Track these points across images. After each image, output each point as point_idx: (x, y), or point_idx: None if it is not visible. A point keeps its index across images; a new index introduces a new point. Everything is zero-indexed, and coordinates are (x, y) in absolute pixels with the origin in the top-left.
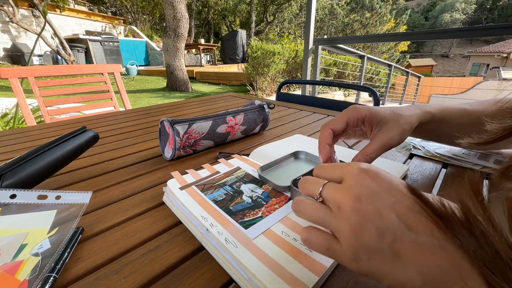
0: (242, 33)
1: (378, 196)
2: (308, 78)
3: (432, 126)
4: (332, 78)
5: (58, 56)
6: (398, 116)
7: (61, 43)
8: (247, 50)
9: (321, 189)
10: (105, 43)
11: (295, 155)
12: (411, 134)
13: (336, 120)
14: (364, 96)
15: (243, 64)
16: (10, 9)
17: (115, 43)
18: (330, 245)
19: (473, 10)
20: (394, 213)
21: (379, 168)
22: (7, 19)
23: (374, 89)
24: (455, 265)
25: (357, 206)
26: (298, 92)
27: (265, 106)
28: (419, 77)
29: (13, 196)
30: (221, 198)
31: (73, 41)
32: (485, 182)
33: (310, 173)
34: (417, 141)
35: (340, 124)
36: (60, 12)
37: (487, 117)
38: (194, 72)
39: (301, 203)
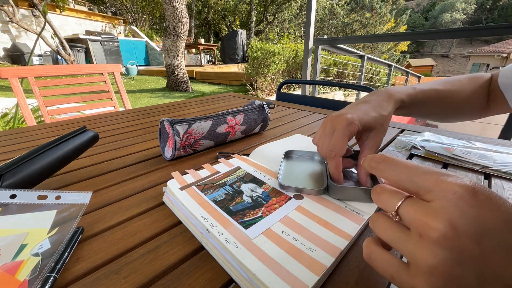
0: (242, 33)
1: (488, 232)
2: (308, 78)
3: (403, 112)
4: (332, 78)
5: (58, 56)
6: (382, 118)
7: (61, 43)
8: (247, 50)
9: (399, 204)
10: (105, 43)
11: (287, 155)
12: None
13: (339, 145)
14: None
15: (243, 64)
16: (10, 9)
17: (115, 43)
18: (397, 273)
19: (473, 10)
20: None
21: (492, 191)
22: (7, 19)
23: (374, 89)
24: None
25: (449, 238)
26: (298, 92)
27: (265, 106)
28: (419, 77)
29: (13, 196)
30: (221, 198)
31: (73, 41)
32: (485, 182)
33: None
34: (417, 141)
35: (345, 147)
36: (60, 12)
37: (463, 97)
38: (194, 72)
39: (378, 219)
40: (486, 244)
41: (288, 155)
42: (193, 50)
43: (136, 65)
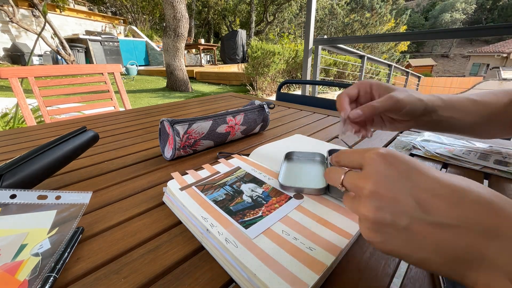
0: (242, 33)
1: (395, 182)
2: (308, 78)
3: (446, 115)
4: (332, 78)
5: (58, 56)
6: (408, 90)
7: (61, 43)
8: (247, 50)
9: (342, 177)
10: (105, 43)
11: (288, 156)
12: (417, 126)
13: (349, 88)
14: None
15: (243, 64)
16: (10, 9)
17: (115, 43)
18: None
19: (473, 10)
20: (411, 197)
21: (398, 152)
22: (7, 19)
23: None
24: (474, 247)
25: (372, 194)
26: (298, 92)
27: (265, 106)
28: (419, 77)
29: (13, 196)
30: (221, 198)
31: (73, 41)
32: (485, 182)
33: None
34: (417, 141)
35: (352, 90)
36: (60, 12)
37: (499, 109)
38: (194, 72)
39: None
40: (393, 189)
41: (289, 156)
42: (193, 50)
43: (136, 65)
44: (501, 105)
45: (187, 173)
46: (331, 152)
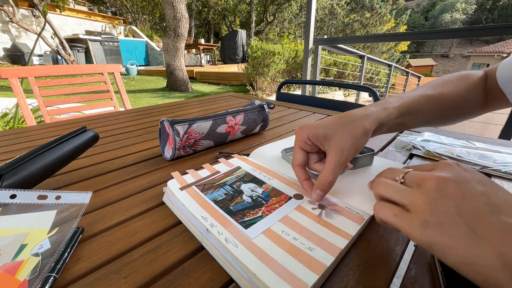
0: (242, 33)
1: (468, 183)
2: (308, 78)
3: (397, 121)
4: (332, 78)
5: (58, 56)
6: (347, 123)
7: (61, 43)
8: (247, 50)
9: (404, 174)
10: (105, 43)
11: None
12: (373, 134)
13: (295, 155)
14: (364, 96)
15: (243, 64)
16: (10, 9)
17: (115, 43)
18: (398, 212)
19: (473, 10)
20: (485, 198)
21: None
22: (7, 19)
23: (374, 89)
24: None
25: (441, 187)
26: (298, 92)
27: (265, 106)
28: (419, 77)
29: (13, 196)
30: (221, 198)
31: (73, 41)
32: None
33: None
34: (417, 141)
35: (300, 157)
36: (60, 12)
37: (458, 98)
38: (194, 72)
39: (383, 181)
40: (464, 188)
41: (287, 151)
42: (193, 50)
43: (136, 65)
44: (461, 93)
45: (187, 173)
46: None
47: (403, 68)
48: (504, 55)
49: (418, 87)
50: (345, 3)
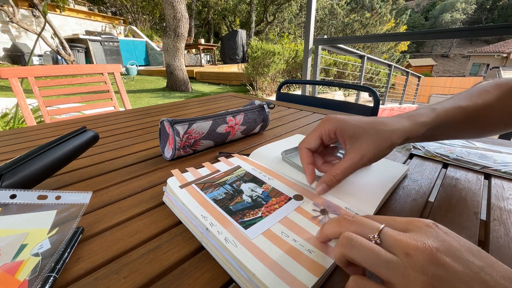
0: (242, 33)
1: (462, 255)
2: (308, 78)
3: (427, 135)
4: (332, 78)
5: (58, 56)
6: (378, 131)
7: (61, 43)
8: (247, 50)
9: (381, 228)
10: (105, 43)
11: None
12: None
13: (309, 137)
14: (364, 96)
15: (243, 64)
16: (10, 9)
17: (115, 43)
18: None
19: (473, 10)
20: (487, 276)
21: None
22: (7, 19)
23: (374, 89)
24: None
25: (437, 260)
26: (298, 92)
27: (265, 106)
28: (419, 77)
29: (13, 196)
30: (221, 197)
31: (73, 41)
32: (485, 182)
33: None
34: None
35: (314, 141)
36: (60, 12)
37: (496, 110)
38: (194, 72)
39: (355, 239)
40: (463, 262)
41: (287, 152)
42: (193, 50)
43: (136, 65)
44: (499, 104)
45: (187, 171)
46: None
47: (403, 68)
48: (504, 55)
49: (453, 97)
50: (345, 3)
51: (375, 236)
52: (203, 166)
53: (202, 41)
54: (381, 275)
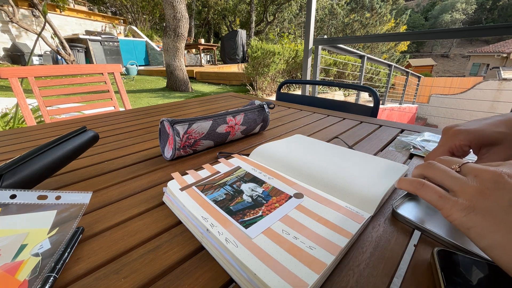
0: (242, 33)
1: None
2: (308, 78)
3: None
4: (332, 78)
5: (58, 56)
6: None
7: (61, 43)
8: (247, 50)
9: (461, 164)
10: (105, 43)
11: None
12: None
13: (439, 152)
14: (364, 96)
15: (243, 64)
16: (10, 9)
17: (115, 43)
18: (444, 195)
19: (473, 10)
20: None
21: None
22: (7, 19)
23: (374, 89)
24: None
25: (497, 179)
26: (298, 92)
27: (265, 106)
28: (419, 77)
29: (13, 196)
30: (222, 198)
31: (73, 41)
32: None
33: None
34: (417, 141)
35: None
36: (60, 12)
37: None
38: (194, 72)
39: (436, 164)
40: None
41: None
42: (193, 50)
43: (136, 65)
44: None
45: (187, 173)
46: None
47: (403, 68)
48: (504, 55)
49: None
50: (345, 3)
51: (456, 166)
52: (203, 168)
53: (202, 41)
54: (447, 185)
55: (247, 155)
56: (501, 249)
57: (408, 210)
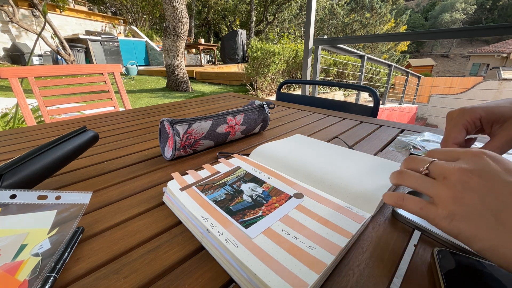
0: (242, 33)
1: (494, 173)
2: (308, 78)
3: None
4: (332, 78)
5: (58, 56)
6: None
7: (61, 43)
8: (247, 50)
9: (428, 165)
10: (105, 43)
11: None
12: None
13: (453, 133)
14: (364, 96)
15: (243, 64)
16: (10, 9)
17: (115, 43)
18: (424, 205)
19: (473, 10)
20: (510, 188)
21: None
22: (7, 19)
23: (374, 89)
24: None
25: (464, 179)
26: (298, 92)
27: (265, 106)
28: (419, 77)
29: (13, 196)
30: (222, 198)
31: (73, 41)
32: None
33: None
34: (417, 141)
35: (460, 135)
36: (60, 12)
37: None
38: (194, 72)
39: (405, 171)
40: (490, 179)
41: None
42: (193, 50)
43: (136, 65)
44: None
45: (187, 173)
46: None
47: (403, 68)
48: (504, 55)
49: None
50: (345, 3)
51: (424, 168)
52: (203, 168)
53: (202, 41)
54: (425, 192)
55: (247, 155)
56: (493, 251)
57: None
